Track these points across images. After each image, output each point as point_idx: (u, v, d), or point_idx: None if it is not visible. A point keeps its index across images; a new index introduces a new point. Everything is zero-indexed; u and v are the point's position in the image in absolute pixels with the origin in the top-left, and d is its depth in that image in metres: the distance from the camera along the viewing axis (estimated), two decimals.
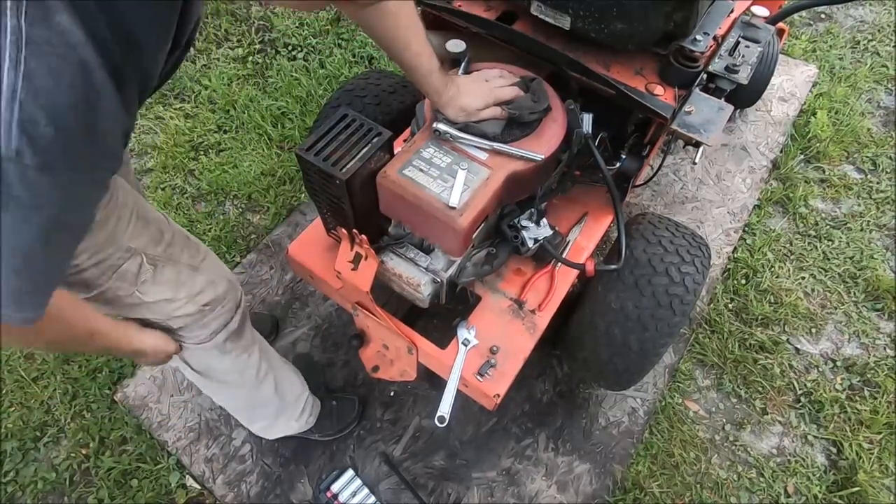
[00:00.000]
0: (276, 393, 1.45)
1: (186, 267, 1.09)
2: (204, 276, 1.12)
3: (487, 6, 1.41)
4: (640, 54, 1.31)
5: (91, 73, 0.57)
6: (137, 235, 0.99)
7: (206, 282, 1.12)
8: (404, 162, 1.11)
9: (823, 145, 2.38)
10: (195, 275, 1.10)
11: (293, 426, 1.58)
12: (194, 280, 1.10)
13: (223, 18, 2.84)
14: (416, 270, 1.22)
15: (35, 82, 0.54)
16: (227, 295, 1.18)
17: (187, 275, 1.09)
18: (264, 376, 1.39)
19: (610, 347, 1.33)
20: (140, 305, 1.05)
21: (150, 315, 1.09)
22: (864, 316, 1.99)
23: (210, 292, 1.13)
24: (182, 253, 1.08)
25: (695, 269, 1.28)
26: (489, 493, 1.63)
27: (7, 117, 0.53)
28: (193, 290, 1.10)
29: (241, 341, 1.29)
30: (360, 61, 2.70)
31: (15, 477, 1.67)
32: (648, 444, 1.73)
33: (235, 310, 1.22)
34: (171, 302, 1.07)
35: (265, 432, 1.62)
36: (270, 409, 1.50)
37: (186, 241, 1.11)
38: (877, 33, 2.87)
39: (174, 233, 1.08)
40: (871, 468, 1.68)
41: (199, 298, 1.11)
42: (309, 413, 1.59)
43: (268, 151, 2.35)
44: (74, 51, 0.56)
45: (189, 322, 1.14)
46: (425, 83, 1.09)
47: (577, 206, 1.51)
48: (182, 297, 1.08)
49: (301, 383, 1.56)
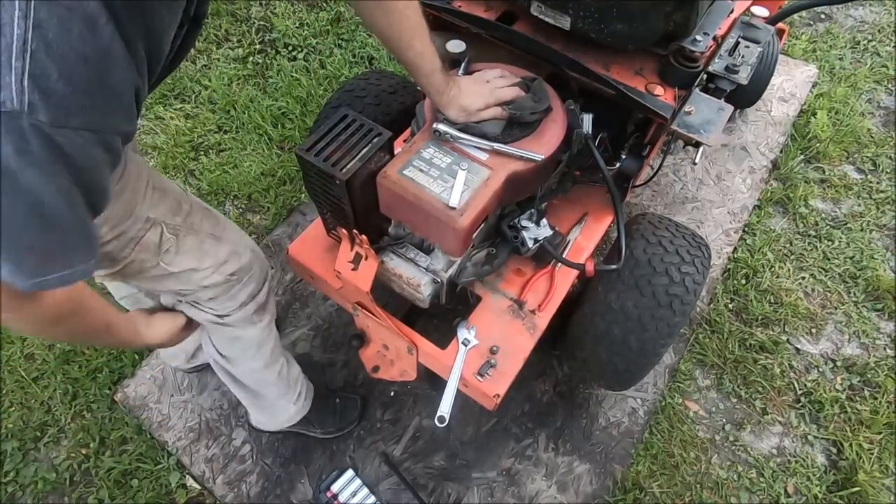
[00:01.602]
0: (281, 373, 1.46)
1: (209, 236, 1.10)
2: (227, 245, 1.13)
3: (487, 6, 1.41)
4: (639, 54, 1.31)
5: (99, 27, 0.56)
6: (155, 205, 1.00)
7: (230, 252, 1.13)
8: (404, 162, 1.11)
9: (823, 145, 2.38)
10: (218, 244, 1.11)
11: (291, 410, 1.58)
12: (217, 249, 1.11)
13: (223, 19, 2.84)
14: (416, 270, 1.22)
15: (45, 33, 0.52)
16: (253, 265, 1.20)
17: (210, 244, 1.10)
18: (279, 354, 1.43)
19: (610, 347, 1.33)
20: (167, 277, 1.06)
21: (179, 286, 1.10)
22: (865, 316, 1.99)
23: (234, 262, 1.14)
24: (203, 222, 1.09)
25: (695, 269, 1.28)
26: (489, 493, 1.63)
27: (19, 68, 0.52)
28: (218, 259, 1.11)
29: (266, 314, 1.31)
30: (361, 62, 2.70)
31: (15, 477, 1.67)
32: (648, 444, 1.73)
33: (263, 282, 1.24)
34: (196, 271, 1.08)
35: (267, 423, 1.64)
36: (276, 391, 1.51)
37: (206, 212, 1.12)
38: (877, 33, 2.87)
39: (192, 203, 1.09)
40: (871, 468, 1.68)
41: (225, 268, 1.13)
42: (304, 397, 1.59)
43: (268, 152, 2.35)
44: (80, 2, 0.55)
45: (218, 293, 1.15)
46: (427, 82, 1.09)
47: (577, 206, 1.51)
48: (207, 266, 1.09)
49: (297, 365, 1.57)
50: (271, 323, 1.36)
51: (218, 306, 1.20)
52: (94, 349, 1.87)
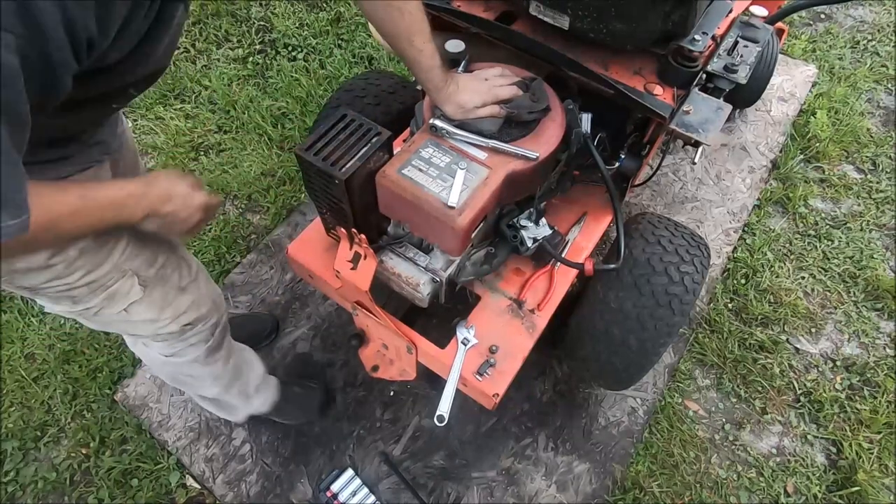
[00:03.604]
0: (240, 389, 1.46)
1: (175, 288, 1.09)
2: (190, 296, 1.12)
3: (486, 6, 1.41)
4: (638, 54, 1.31)
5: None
6: (133, 257, 0.99)
7: (191, 302, 1.12)
8: (403, 161, 1.11)
9: (823, 145, 2.38)
10: (181, 295, 1.10)
11: (252, 408, 1.58)
12: (180, 300, 1.10)
13: (223, 19, 2.85)
14: (415, 270, 1.22)
15: None
16: (210, 315, 1.19)
17: (174, 295, 1.09)
18: (235, 376, 1.42)
19: (609, 347, 1.33)
20: (123, 322, 1.05)
21: (131, 330, 1.09)
22: (864, 316, 1.99)
23: (193, 312, 1.13)
24: (173, 274, 1.08)
25: (694, 269, 1.28)
26: (489, 492, 1.63)
27: None
28: (178, 310, 1.10)
29: (217, 355, 1.30)
30: (360, 62, 2.70)
31: (15, 477, 1.67)
32: (648, 443, 1.73)
33: (215, 328, 1.22)
34: (154, 322, 1.08)
35: (228, 417, 1.65)
36: (235, 401, 1.51)
37: (179, 262, 1.11)
38: (877, 33, 2.87)
39: (168, 254, 1.08)
40: (870, 468, 1.68)
41: (182, 318, 1.12)
42: (266, 396, 1.59)
43: (268, 152, 2.35)
44: None
45: (169, 339, 1.14)
46: (426, 79, 1.10)
47: (576, 205, 1.51)
48: (166, 317, 1.09)
49: (258, 367, 1.55)
50: (226, 358, 1.34)
51: (167, 349, 1.19)
52: (93, 348, 1.87)
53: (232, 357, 1.37)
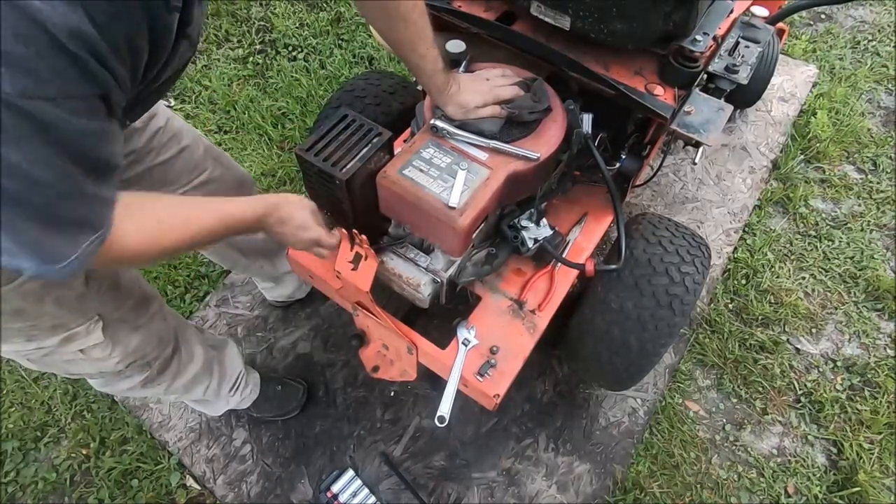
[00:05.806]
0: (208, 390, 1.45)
1: (130, 327, 1.08)
2: (141, 335, 1.11)
3: (487, 7, 1.41)
4: (639, 54, 1.31)
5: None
6: (106, 302, 0.99)
7: (141, 341, 1.12)
8: (404, 162, 1.11)
9: (823, 145, 2.38)
10: (132, 334, 1.10)
11: (232, 404, 1.59)
12: (130, 339, 1.09)
13: (223, 19, 2.84)
14: (416, 270, 1.22)
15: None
16: (152, 352, 1.18)
17: (126, 334, 1.08)
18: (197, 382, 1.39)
19: (610, 347, 1.33)
20: (68, 364, 1.04)
21: (74, 370, 1.08)
22: (865, 316, 1.99)
23: (140, 351, 1.13)
24: (131, 313, 1.08)
25: (695, 269, 1.28)
26: (489, 493, 1.63)
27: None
28: (127, 349, 1.10)
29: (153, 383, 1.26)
30: (361, 62, 2.70)
31: (15, 477, 1.67)
32: (648, 444, 1.73)
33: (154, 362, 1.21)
34: (103, 360, 1.07)
35: (206, 412, 1.66)
36: (210, 399, 1.51)
37: (140, 301, 1.10)
38: (877, 33, 2.87)
39: (133, 296, 1.08)
40: (871, 468, 1.68)
41: (129, 358, 1.11)
42: (244, 393, 1.59)
43: (268, 152, 2.35)
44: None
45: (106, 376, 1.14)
46: (428, 81, 1.10)
47: (576, 206, 1.51)
48: (115, 356, 1.08)
49: (237, 365, 1.54)
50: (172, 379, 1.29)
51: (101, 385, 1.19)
52: None
53: (181, 377, 1.31)
